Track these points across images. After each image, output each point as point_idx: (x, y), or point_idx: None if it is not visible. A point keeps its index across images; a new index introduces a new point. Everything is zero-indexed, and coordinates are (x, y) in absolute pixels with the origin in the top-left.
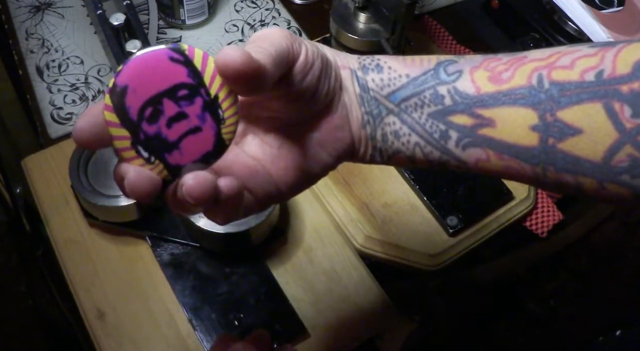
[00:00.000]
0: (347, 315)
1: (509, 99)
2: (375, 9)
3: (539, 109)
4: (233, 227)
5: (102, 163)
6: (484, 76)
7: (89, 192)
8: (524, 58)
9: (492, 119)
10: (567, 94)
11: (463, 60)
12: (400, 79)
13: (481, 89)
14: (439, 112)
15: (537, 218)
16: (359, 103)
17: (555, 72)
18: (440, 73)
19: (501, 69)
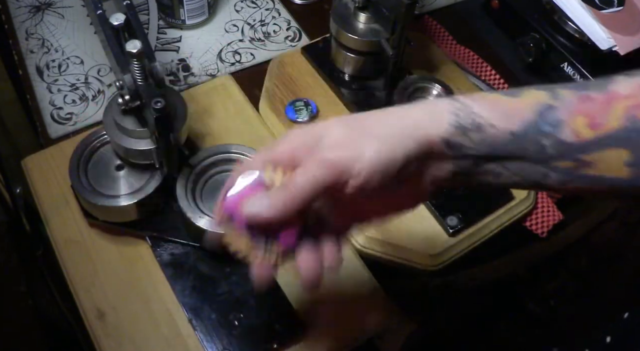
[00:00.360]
0: (347, 315)
1: (606, 143)
2: (375, 9)
3: (632, 146)
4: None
5: (102, 164)
6: (583, 123)
7: (89, 192)
8: (614, 95)
9: (592, 162)
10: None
11: (560, 103)
12: (503, 137)
13: (582, 137)
14: (542, 160)
15: (537, 218)
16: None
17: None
18: (542, 126)
19: (596, 111)
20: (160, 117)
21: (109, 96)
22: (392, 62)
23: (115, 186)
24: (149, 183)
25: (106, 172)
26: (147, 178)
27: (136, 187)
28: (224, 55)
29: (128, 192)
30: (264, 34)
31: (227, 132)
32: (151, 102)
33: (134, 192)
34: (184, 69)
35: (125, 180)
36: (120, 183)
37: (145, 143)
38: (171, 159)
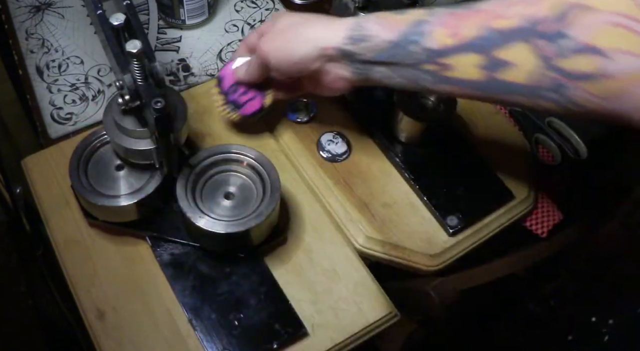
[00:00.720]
0: (347, 315)
1: (462, 48)
2: (375, 9)
3: (483, 52)
4: (233, 226)
5: (102, 164)
6: (445, 33)
7: (89, 192)
8: (477, 11)
9: (451, 64)
10: (504, 38)
11: (432, 18)
12: (383, 45)
13: (444, 44)
14: (413, 64)
15: (537, 218)
16: (348, 68)
17: (495, 22)
18: (412, 35)
19: (457, 24)
20: (160, 117)
21: (109, 96)
22: None
23: (115, 186)
24: (149, 183)
25: (106, 172)
26: (147, 178)
27: (136, 187)
28: (224, 55)
29: (128, 192)
30: None
31: (227, 132)
32: (151, 102)
33: (134, 192)
34: (184, 69)
35: (125, 180)
36: (120, 183)
37: (145, 143)
38: (171, 159)
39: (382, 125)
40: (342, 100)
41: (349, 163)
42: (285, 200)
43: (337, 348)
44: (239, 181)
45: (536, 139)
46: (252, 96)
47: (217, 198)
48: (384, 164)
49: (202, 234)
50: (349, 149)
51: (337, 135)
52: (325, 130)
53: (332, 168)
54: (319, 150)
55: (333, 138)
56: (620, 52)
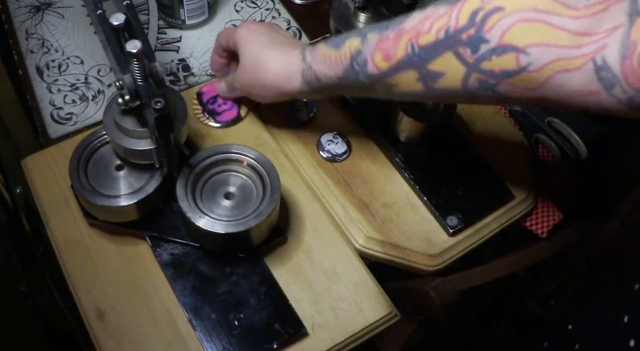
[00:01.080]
0: (347, 315)
1: (398, 68)
2: (375, 9)
3: (416, 67)
4: (233, 227)
5: (102, 164)
6: (380, 58)
7: (89, 192)
8: (402, 31)
9: (395, 83)
10: (430, 52)
11: (366, 46)
12: (333, 81)
13: (381, 68)
14: (365, 87)
15: (537, 218)
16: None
17: (420, 39)
18: (355, 67)
19: (388, 47)
20: (160, 117)
21: (109, 96)
22: None
23: (115, 186)
24: (149, 183)
25: (106, 172)
26: (147, 178)
27: (136, 187)
28: None
29: (128, 192)
30: None
31: (227, 132)
32: (151, 102)
33: (134, 192)
34: (184, 69)
35: (125, 180)
36: (120, 183)
37: (145, 143)
38: (171, 159)
39: (382, 125)
40: (342, 100)
41: (349, 163)
42: (285, 200)
43: (337, 348)
44: (239, 181)
45: (536, 139)
46: (229, 107)
47: (217, 198)
48: (384, 164)
49: (202, 234)
50: (349, 149)
51: (337, 135)
52: (325, 130)
53: (332, 168)
54: (319, 150)
55: (333, 138)
56: (535, 46)
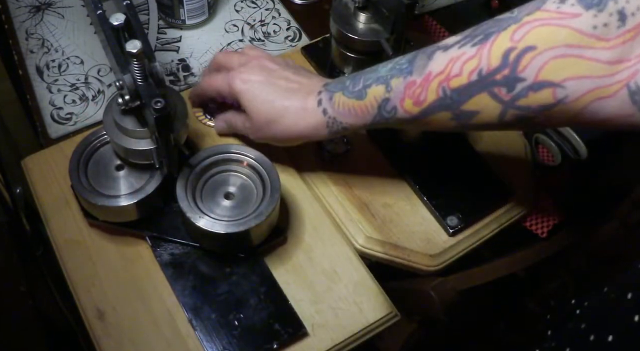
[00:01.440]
0: (347, 315)
1: (430, 111)
2: (375, 9)
3: (450, 109)
4: (233, 227)
5: (102, 164)
6: (410, 104)
7: (89, 192)
8: (430, 75)
9: (428, 122)
10: (463, 94)
11: (393, 93)
12: (360, 128)
13: (412, 113)
14: (395, 127)
15: (537, 218)
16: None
17: (452, 82)
18: (383, 114)
19: (418, 92)
20: (160, 117)
21: (109, 96)
22: None
23: (115, 186)
24: (149, 183)
25: (106, 172)
26: (147, 178)
27: (136, 187)
28: None
29: (128, 192)
30: (264, 34)
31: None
32: (151, 102)
33: (134, 192)
34: (184, 69)
35: (125, 180)
36: (120, 183)
37: (145, 143)
38: (171, 159)
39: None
40: None
41: (349, 163)
42: (285, 200)
43: (337, 348)
44: (239, 181)
45: (536, 139)
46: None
47: (217, 198)
48: (384, 164)
49: (202, 234)
50: (349, 149)
51: None
52: None
53: (332, 168)
54: (319, 150)
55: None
56: (570, 79)
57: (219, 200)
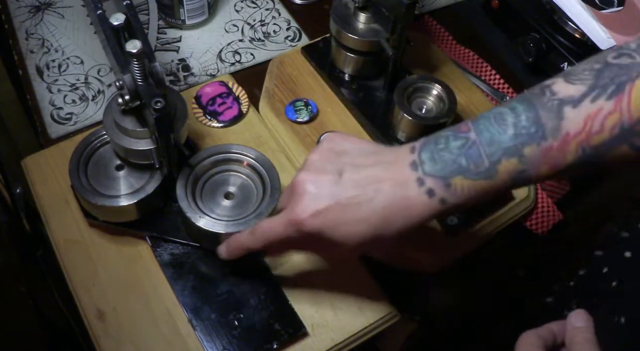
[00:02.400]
0: (347, 315)
1: (565, 171)
2: (375, 9)
3: (586, 166)
4: (233, 226)
5: (102, 164)
6: (546, 170)
7: (89, 192)
8: (567, 137)
9: (554, 179)
10: (603, 150)
11: (529, 165)
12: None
13: (544, 175)
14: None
15: (537, 218)
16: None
17: (592, 140)
18: (515, 184)
19: (556, 156)
20: (160, 117)
21: (109, 96)
22: (392, 62)
23: (115, 186)
24: (149, 183)
25: (106, 172)
26: (147, 178)
27: (136, 187)
28: (224, 55)
29: (128, 192)
30: (264, 34)
31: (227, 132)
32: (151, 102)
33: (134, 192)
34: (184, 69)
35: (126, 180)
36: (120, 183)
37: (145, 143)
38: (171, 159)
39: (382, 125)
40: (342, 100)
41: None
42: None
43: (337, 348)
44: (239, 181)
45: None
46: (230, 105)
47: (217, 198)
48: None
49: (202, 234)
50: None
51: None
52: (325, 130)
53: None
54: None
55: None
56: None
57: (219, 200)
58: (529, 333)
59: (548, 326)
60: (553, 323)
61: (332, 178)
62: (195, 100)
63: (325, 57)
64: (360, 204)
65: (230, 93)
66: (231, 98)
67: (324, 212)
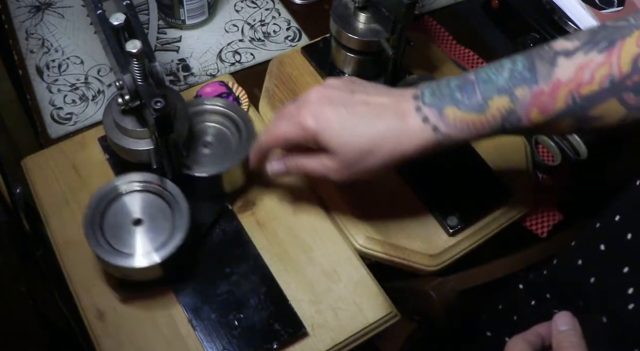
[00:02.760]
0: (347, 315)
1: (556, 119)
2: (375, 9)
3: (575, 116)
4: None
5: (118, 218)
6: (536, 113)
7: (106, 251)
8: (558, 83)
9: (543, 130)
10: (593, 101)
11: (519, 105)
12: (474, 139)
13: (535, 122)
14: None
15: (537, 218)
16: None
17: (582, 89)
18: (506, 125)
19: (546, 101)
20: (160, 117)
21: (109, 96)
22: (392, 62)
23: (132, 242)
24: (172, 240)
25: (123, 226)
26: (169, 231)
27: (157, 243)
28: (224, 55)
29: (146, 251)
30: (264, 34)
31: None
32: (151, 102)
33: (152, 251)
34: (184, 69)
35: (144, 235)
36: (137, 239)
37: (145, 143)
38: (171, 160)
39: None
40: None
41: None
42: (286, 200)
43: (337, 348)
44: (213, 130)
45: (536, 139)
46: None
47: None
48: None
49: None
50: None
51: None
52: None
53: None
54: None
55: None
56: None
57: (200, 150)
58: (517, 339)
59: (535, 329)
60: (539, 326)
61: (343, 94)
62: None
63: (325, 57)
64: (363, 119)
65: (230, 93)
66: (231, 98)
67: (327, 115)
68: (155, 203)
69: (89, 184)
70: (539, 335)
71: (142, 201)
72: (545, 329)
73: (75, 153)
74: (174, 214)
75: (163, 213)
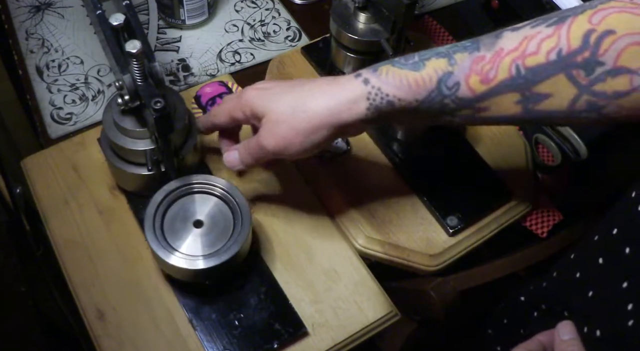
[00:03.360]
0: (348, 315)
1: (497, 91)
2: (375, 9)
3: (520, 90)
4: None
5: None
6: (476, 80)
7: (164, 250)
8: (501, 51)
9: (487, 107)
10: (539, 74)
11: (457, 68)
12: (409, 105)
13: (476, 91)
14: (446, 112)
15: (537, 218)
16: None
17: (527, 60)
18: (443, 90)
19: (487, 68)
20: (160, 117)
21: (109, 96)
22: None
23: (184, 241)
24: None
25: (183, 221)
26: (228, 235)
27: (217, 246)
28: (224, 55)
29: (205, 253)
30: (264, 34)
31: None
32: (151, 102)
33: (212, 254)
34: (184, 69)
35: (198, 238)
36: (189, 239)
37: (145, 143)
38: (171, 160)
39: (382, 125)
40: None
41: (349, 163)
42: (286, 200)
43: (337, 347)
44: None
45: (536, 139)
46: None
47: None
48: (384, 164)
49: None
50: (349, 149)
51: None
52: None
53: (332, 168)
54: None
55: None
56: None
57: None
58: (519, 348)
59: (537, 338)
60: (541, 334)
61: (282, 84)
62: (195, 100)
63: (325, 57)
64: (303, 88)
65: (230, 93)
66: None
67: (267, 89)
68: (222, 211)
69: (89, 184)
70: (541, 343)
71: (211, 205)
72: (547, 338)
73: (75, 154)
74: (235, 228)
75: (225, 222)
